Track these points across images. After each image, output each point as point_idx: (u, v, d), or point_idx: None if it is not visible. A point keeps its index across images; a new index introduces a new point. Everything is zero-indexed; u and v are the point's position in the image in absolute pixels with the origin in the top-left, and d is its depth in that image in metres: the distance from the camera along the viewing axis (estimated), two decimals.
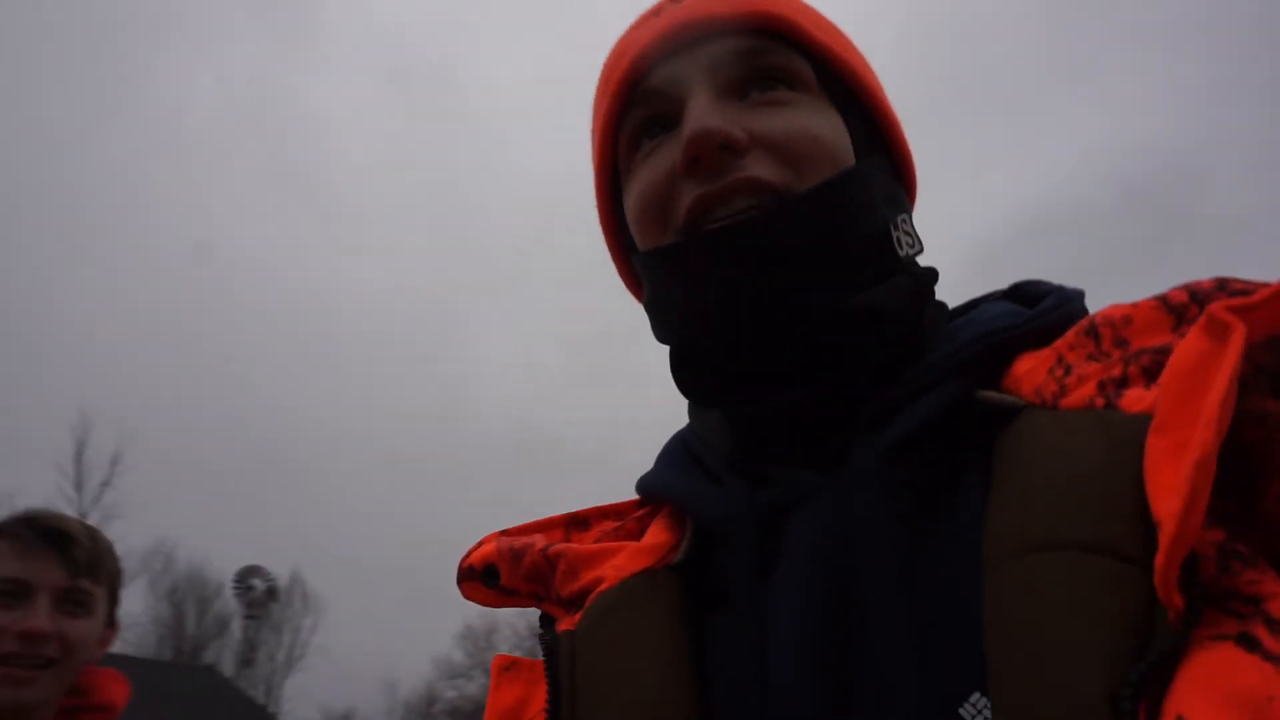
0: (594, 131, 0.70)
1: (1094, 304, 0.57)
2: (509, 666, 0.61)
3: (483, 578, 0.66)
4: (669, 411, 0.74)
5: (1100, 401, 0.46)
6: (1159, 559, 0.36)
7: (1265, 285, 0.45)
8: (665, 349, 0.66)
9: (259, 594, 32.47)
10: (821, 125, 0.61)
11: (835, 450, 0.54)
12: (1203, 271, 0.49)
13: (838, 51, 0.66)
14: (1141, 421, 0.42)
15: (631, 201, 0.64)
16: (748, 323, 0.57)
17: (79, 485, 24.65)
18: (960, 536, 0.47)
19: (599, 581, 0.59)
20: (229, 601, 32.70)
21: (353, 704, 35.65)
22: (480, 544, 0.68)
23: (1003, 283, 0.66)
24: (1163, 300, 0.49)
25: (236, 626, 32.60)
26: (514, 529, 0.69)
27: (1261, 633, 0.34)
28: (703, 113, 0.58)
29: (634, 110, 0.65)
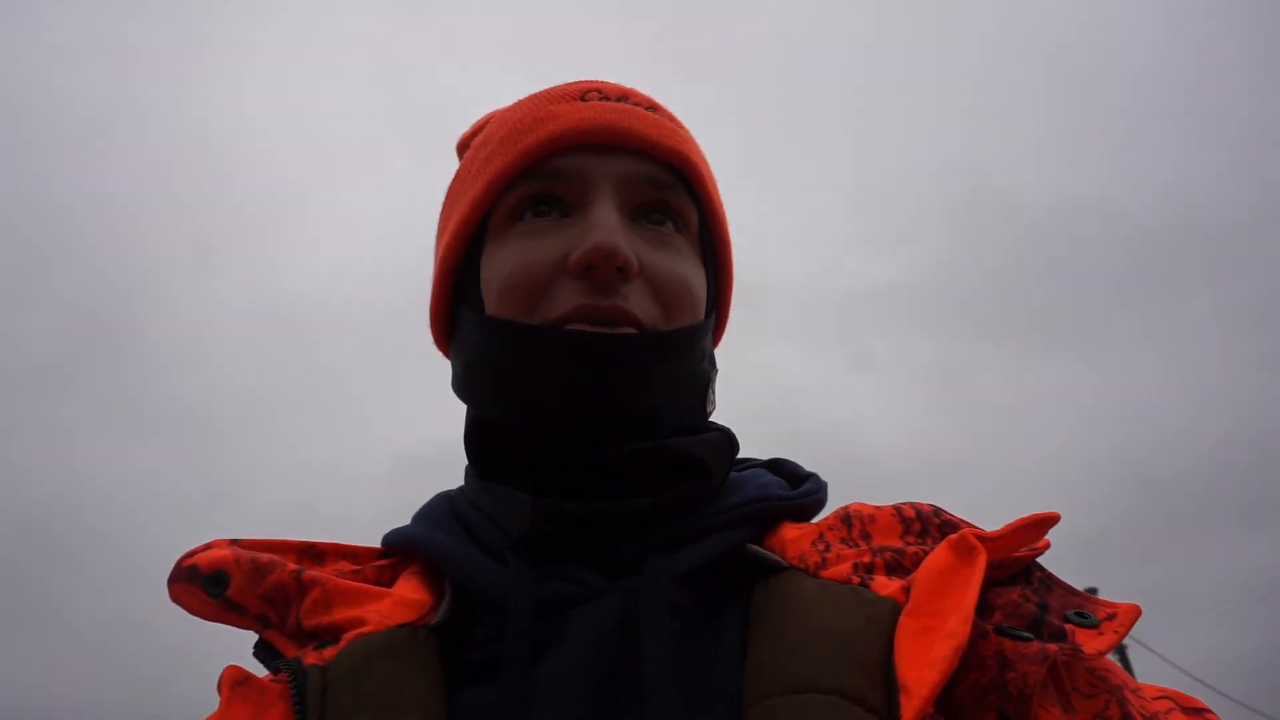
0: (477, 176, 0.69)
1: None
2: (243, 682, 0.54)
3: (206, 583, 0.58)
4: None
5: (856, 580, 0.55)
6: (907, 716, 0.44)
7: (968, 523, 0.60)
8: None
9: None
10: (695, 276, 0.67)
11: (622, 562, 0.58)
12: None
13: (719, 211, 0.73)
14: (889, 604, 0.52)
15: (503, 269, 0.64)
16: (587, 424, 0.60)
17: None
18: (721, 666, 0.53)
19: (358, 622, 0.57)
20: None
21: None
22: (208, 546, 0.61)
23: None
24: (897, 510, 0.62)
25: None
26: (247, 541, 0.63)
27: None
28: (612, 228, 0.61)
29: (530, 180, 0.65)
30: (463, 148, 0.77)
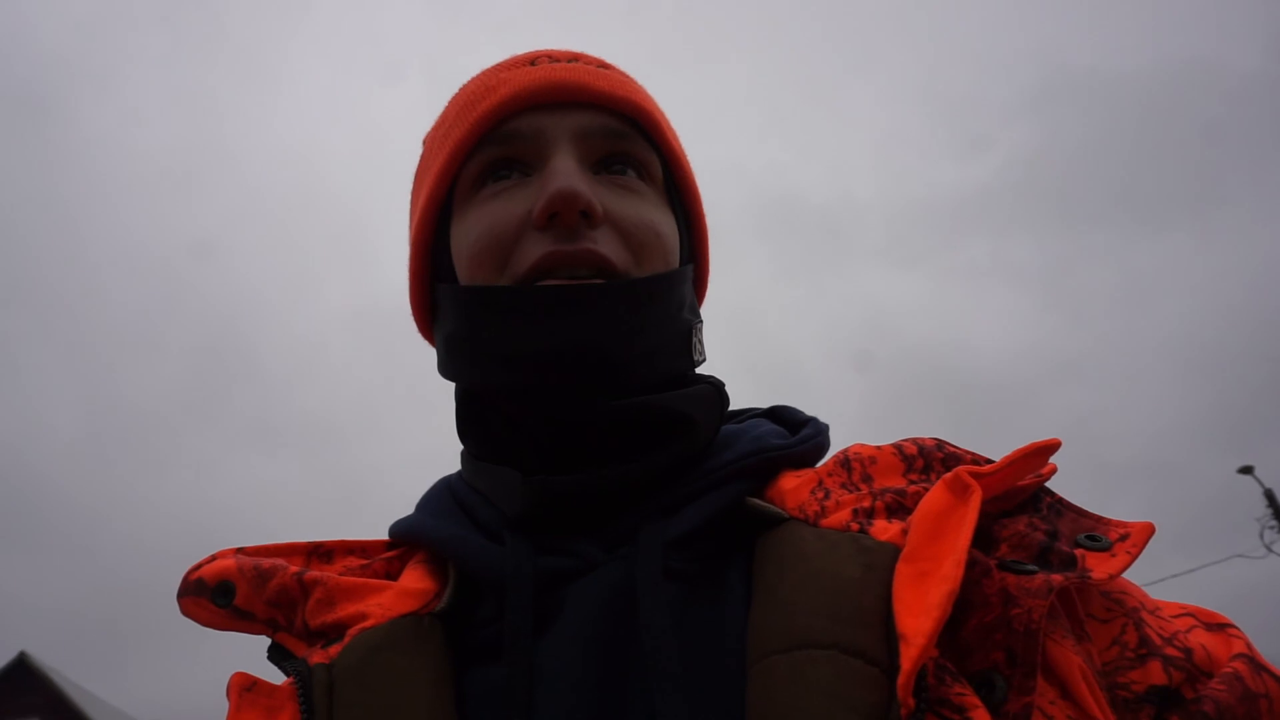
0: (437, 153, 0.69)
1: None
2: (250, 687, 0.55)
3: (213, 595, 0.59)
4: None
5: (855, 526, 0.54)
6: (905, 666, 0.43)
7: (974, 454, 0.59)
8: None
9: None
10: (663, 222, 0.66)
11: (620, 531, 0.57)
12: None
13: (681, 158, 0.72)
14: (888, 549, 0.51)
15: (470, 235, 0.64)
16: (568, 378, 0.59)
17: None
18: (725, 628, 0.52)
19: (361, 617, 0.57)
20: None
21: None
22: (214, 558, 0.62)
23: None
24: (898, 448, 0.60)
25: None
26: (252, 548, 0.63)
27: None
28: (570, 174, 0.60)
29: (488, 147, 0.65)
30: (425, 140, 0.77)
